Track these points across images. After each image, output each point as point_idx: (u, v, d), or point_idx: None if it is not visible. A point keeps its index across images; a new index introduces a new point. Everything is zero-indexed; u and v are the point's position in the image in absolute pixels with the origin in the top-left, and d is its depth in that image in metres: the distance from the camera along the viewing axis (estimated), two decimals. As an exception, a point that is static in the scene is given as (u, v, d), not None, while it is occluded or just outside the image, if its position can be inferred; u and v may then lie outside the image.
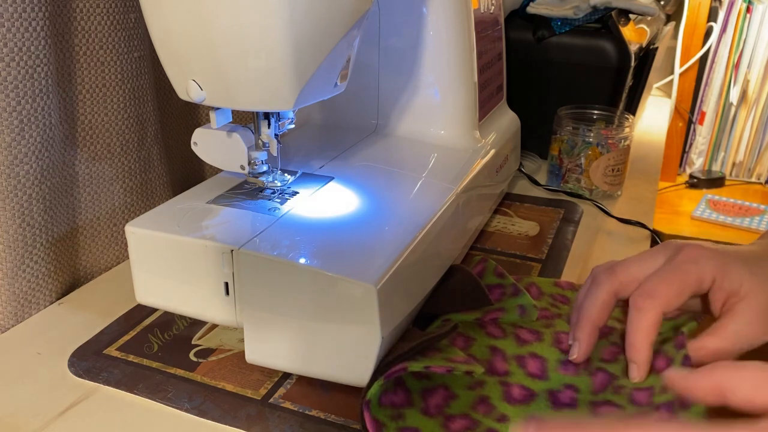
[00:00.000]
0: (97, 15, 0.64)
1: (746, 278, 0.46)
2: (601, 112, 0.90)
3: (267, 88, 0.49)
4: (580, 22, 0.95)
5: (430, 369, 0.46)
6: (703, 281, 0.46)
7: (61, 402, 0.51)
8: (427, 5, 0.69)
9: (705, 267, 0.46)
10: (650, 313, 0.45)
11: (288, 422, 0.49)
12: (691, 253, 0.47)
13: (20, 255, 0.60)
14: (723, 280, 0.46)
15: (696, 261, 0.46)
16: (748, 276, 0.46)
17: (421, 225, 0.55)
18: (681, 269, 0.46)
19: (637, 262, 0.49)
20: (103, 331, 0.59)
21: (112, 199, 0.71)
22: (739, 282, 0.45)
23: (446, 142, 0.72)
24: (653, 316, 0.45)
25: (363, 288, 0.46)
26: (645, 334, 0.46)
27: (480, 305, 0.56)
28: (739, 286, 0.45)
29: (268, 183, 0.59)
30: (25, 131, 0.58)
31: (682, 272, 0.46)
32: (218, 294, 0.52)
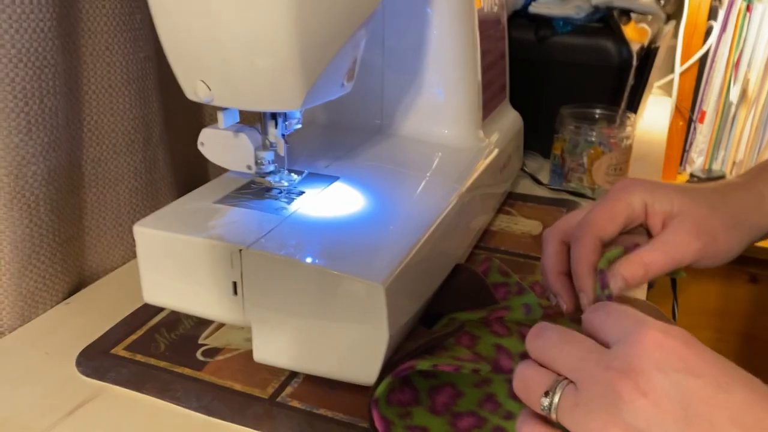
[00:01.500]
0: (104, 16, 0.64)
1: (676, 198, 0.48)
2: (603, 111, 0.91)
3: (275, 89, 0.49)
4: (582, 21, 0.95)
5: (437, 367, 0.46)
6: (634, 205, 0.48)
7: (69, 402, 0.52)
8: (431, 5, 0.69)
9: (633, 193, 0.48)
10: (585, 240, 0.48)
11: (295, 421, 0.49)
12: (621, 183, 0.50)
13: (27, 255, 0.60)
14: (654, 203, 0.48)
15: (624, 189, 0.49)
16: (679, 196, 0.48)
17: (427, 224, 0.55)
18: (610, 198, 0.49)
19: (577, 211, 0.52)
20: (110, 330, 0.60)
21: (118, 200, 0.71)
22: (670, 202, 0.48)
23: (450, 141, 0.72)
24: (588, 242, 0.48)
25: (370, 287, 0.46)
26: (585, 262, 0.48)
27: (485, 304, 0.57)
28: (670, 206, 0.48)
29: (274, 183, 0.59)
30: (33, 132, 0.58)
31: (611, 200, 0.49)
32: (226, 293, 0.52)
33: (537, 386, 0.34)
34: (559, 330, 0.35)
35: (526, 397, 0.34)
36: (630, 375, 0.30)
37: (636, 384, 0.30)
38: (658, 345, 0.31)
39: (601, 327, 0.34)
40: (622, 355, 0.31)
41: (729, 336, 1.64)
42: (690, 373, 0.30)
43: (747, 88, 1.63)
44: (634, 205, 0.48)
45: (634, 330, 0.32)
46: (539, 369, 0.34)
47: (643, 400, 0.30)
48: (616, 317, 0.34)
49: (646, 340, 0.31)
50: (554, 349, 0.34)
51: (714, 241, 0.47)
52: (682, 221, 0.47)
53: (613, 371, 0.31)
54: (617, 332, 0.33)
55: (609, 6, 0.95)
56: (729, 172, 1.76)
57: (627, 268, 0.47)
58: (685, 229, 0.47)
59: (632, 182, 0.49)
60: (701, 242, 0.47)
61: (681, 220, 0.47)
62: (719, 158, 1.75)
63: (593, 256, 0.48)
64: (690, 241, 0.47)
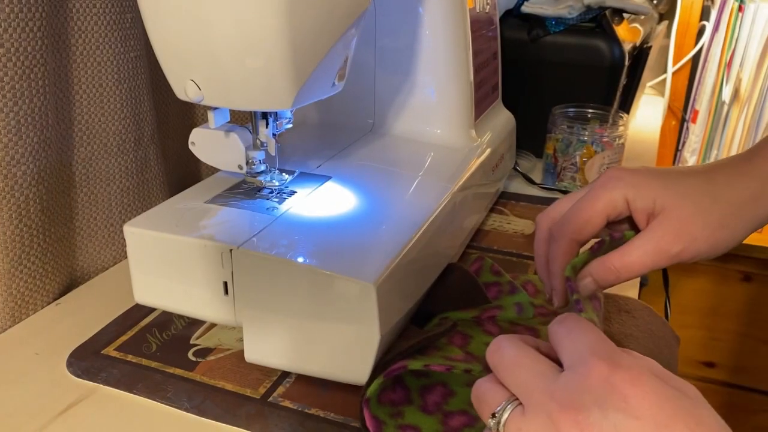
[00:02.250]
0: (94, 15, 0.64)
1: (659, 194, 0.45)
2: (595, 110, 0.91)
3: (265, 88, 0.49)
4: (574, 21, 0.95)
5: (429, 367, 0.46)
6: (615, 202, 0.46)
7: (60, 402, 0.51)
8: (423, 5, 0.69)
9: (614, 190, 0.46)
10: (561, 241, 0.47)
11: (287, 421, 0.49)
12: (603, 178, 0.47)
13: (17, 255, 0.60)
14: (635, 200, 0.46)
15: (605, 185, 0.47)
16: (662, 191, 0.45)
17: (419, 224, 0.55)
18: (591, 196, 0.47)
19: (568, 197, 0.50)
20: (101, 331, 0.59)
21: (109, 200, 0.71)
22: (652, 199, 0.45)
23: (442, 141, 0.72)
24: (563, 244, 0.47)
25: (361, 286, 0.46)
26: (558, 263, 0.47)
27: (477, 303, 0.57)
28: (652, 204, 0.45)
29: (266, 182, 0.59)
30: (22, 132, 0.58)
31: (591, 198, 0.47)
32: (217, 293, 0.52)
33: (488, 404, 0.34)
34: (516, 347, 0.34)
35: (480, 413, 0.35)
36: (570, 410, 0.30)
37: (575, 420, 0.30)
38: (603, 380, 0.30)
39: (558, 345, 0.34)
40: (567, 386, 0.31)
41: (722, 334, 1.65)
42: (630, 414, 0.29)
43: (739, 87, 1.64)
44: (615, 202, 0.46)
45: (583, 360, 0.31)
46: (494, 386, 0.34)
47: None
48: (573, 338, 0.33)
49: (593, 373, 0.31)
50: (506, 369, 0.34)
51: (693, 243, 0.45)
52: (662, 223, 0.45)
53: (555, 402, 0.31)
54: (570, 356, 0.33)
55: (601, 6, 0.95)
56: (722, 172, 1.76)
57: (599, 272, 0.46)
58: (663, 231, 0.45)
59: (615, 177, 0.47)
60: (679, 246, 0.45)
61: (661, 221, 0.45)
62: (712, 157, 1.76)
63: (568, 257, 0.47)
64: (668, 247, 0.45)
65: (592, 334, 0.33)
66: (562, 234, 0.47)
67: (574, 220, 0.47)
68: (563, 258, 0.47)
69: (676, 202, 0.45)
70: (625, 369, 0.31)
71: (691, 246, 0.45)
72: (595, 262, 0.46)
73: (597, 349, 0.32)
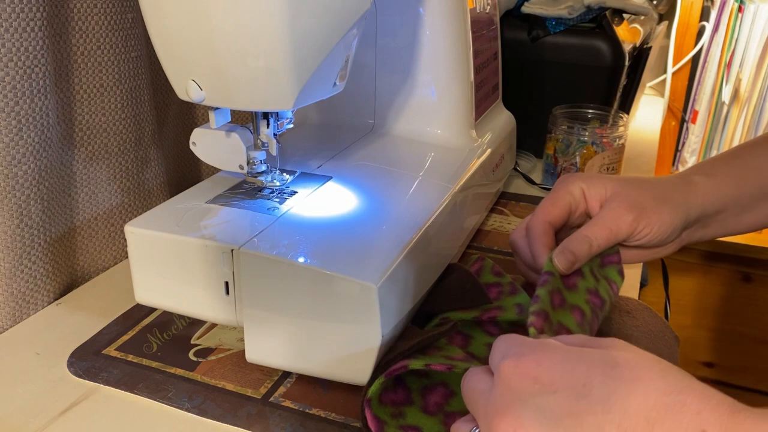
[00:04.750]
0: (95, 15, 0.64)
1: (609, 184, 0.55)
2: (595, 111, 0.91)
3: (266, 88, 0.49)
4: (575, 21, 0.95)
5: (430, 367, 0.46)
6: (573, 193, 0.55)
7: (60, 402, 0.51)
8: (424, 5, 0.69)
9: (571, 183, 0.56)
10: (537, 225, 0.55)
11: (288, 421, 0.49)
12: (561, 177, 0.58)
13: (18, 255, 0.60)
14: (589, 188, 0.55)
15: (563, 180, 0.57)
16: (612, 182, 0.55)
17: (420, 224, 0.55)
18: (553, 190, 0.57)
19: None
20: (102, 331, 0.59)
21: (110, 199, 0.71)
22: (603, 187, 0.55)
23: (443, 141, 0.72)
24: (540, 226, 0.55)
25: (363, 287, 0.46)
26: (539, 243, 0.54)
27: (478, 304, 0.57)
28: (604, 190, 0.55)
29: (266, 182, 0.59)
30: (23, 131, 0.58)
31: (553, 190, 0.57)
32: (218, 293, 0.52)
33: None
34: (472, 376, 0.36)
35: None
36: (501, 416, 0.31)
37: (506, 423, 0.30)
38: (514, 374, 0.31)
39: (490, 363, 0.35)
40: (493, 395, 0.32)
41: (722, 334, 1.65)
42: (546, 391, 0.30)
43: (739, 87, 1.64)
44: (573, 192, 0.55)
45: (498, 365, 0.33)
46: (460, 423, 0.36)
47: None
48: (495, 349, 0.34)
49: (504, 373, 0.32)
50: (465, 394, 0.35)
51: (645, 212, 0.53)
52: (615, 198, 0.54)
53: (490, 416, 0.32)
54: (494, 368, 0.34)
55: (601, 6, 0.95)
56: (721, 172, 1.76)
57: (573, 243, 0.51)
58: (618, 204, 0.53)
59: (571, 175, 0.58)
60: (633, 214, 0.53)
61: (612, 198, 0.54)
62: (711, 158, 1.76)
63: (545, 237, 0.54)
64: (623, 214, 0.53)
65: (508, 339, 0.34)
66: (535, 220, 0.55)
67: (543, 207, 0.56)
68: (542, 238, 0.54)
69: (624, 186, 0.55)
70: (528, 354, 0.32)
71: (642, 216, 0.53)
72: (568, 238, 0.52)
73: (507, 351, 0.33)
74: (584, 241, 0.52)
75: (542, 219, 0.55)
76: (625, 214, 0.53)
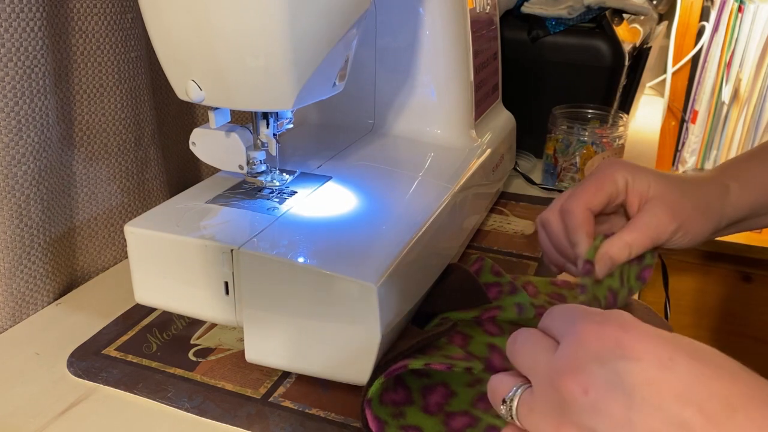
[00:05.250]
0: (95, 15, 0.64)
1: (653, 181, 0.52)
2: (595, 111, 0.91)
3: (266, 88, 0.49)
4: (574, 21, 0.95)
5: (430, 366, 0.46)
6: (618, 182, 0.52)
7: (60, 402, 0.51)
8: (423, 5, 0.69)
9: (616, 171, 0.53)
10: (578, 210, 0.52)
11: (288, 421, 0.49)
12: (606, 162, 0.55)
13: (18, 255, 0.60)
14: (634, 182, 0.52)
15: (610, 166, 0.54)
16: (655, 179, 0.52)
17: (419, 224, 0.55)
18: (597, 174, 0.54)
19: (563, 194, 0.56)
20: (102, 331, 0.59)
21: (110, 199, 0.71)
22: (647, 184, 0.52)
23: (443, 141, 0.72)
24: (581, 212, 0.52)
25: (362, 286, 0.46)
26: (581, 230, 0.52)
27: (478, 303, 0.57)
28: (647, 188, 0.52)
29: (266, 183, 0.59)
30: (23, 132, 0.58)
31: (598, 175, 0.53)
32: (218, 293, 0.52)
33: (498, 393, 0.34)
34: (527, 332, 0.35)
35: (494, 406, 0.35)
36: (571, 374, 0.30)
37: (577, 382, 0.30)
38: (595, 336, 0.30)
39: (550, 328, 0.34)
40: (562, 353, 0.31)
41: (722, 335, 1.65)
42: (629, 357, 0.29)
43: (739, 87, 1.64)
44: (617, 181, 0.52)
45: (571, 327, 0.32)
46: (503, 376, 0.35)
47: (585, 398, 0.29)
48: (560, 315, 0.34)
49: (582, 333, 0.31)
50: (516, 352, 0.35)
51: (687, 223, 0.51)
52: (658, 203, 0.51)
53: (556, 372, 0.31)
54: (560, 331, 0.33)
55: (601, 6, 0.95)
56: (721, 172, 1.77)
57: (612, 248, 0.50)
58: (662, 211, 0.51)
59: (617, 161, 0.54)
60: (676, 223, 0.51)
61: (656, 202, 0.51)
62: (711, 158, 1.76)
63: (587, 225, 0.52)
64: (667, 223, 0.51)
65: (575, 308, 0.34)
66: (576, 205, 0.52)
67: (586, 190, 0.52)
68: (585, 223, 0.52)
69: (667, 188, 0.52)
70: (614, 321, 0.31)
71: (683, 227, 0.51)
72: (608, 241, 0.51)
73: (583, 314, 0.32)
74: (625, 248, 0.51)
75: (584, 206, 0.52)
76: (668, 224, 0.51)
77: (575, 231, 0.52)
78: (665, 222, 0.51)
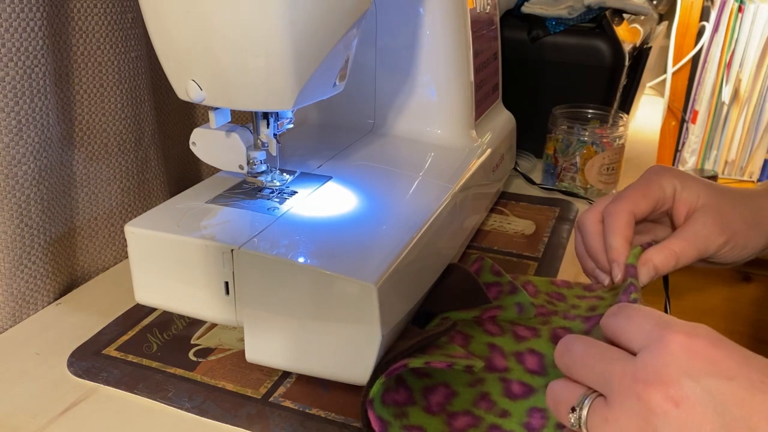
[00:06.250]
0: (95, 15, 0.64)
1: (703, 191, 0.50)
2: (595, 111, 0.91)
3: (266, 88, 0.49)
4: (575, 21, 0.95)
5: (430, 365, 0.46)
6: (665, 189, 0.50)
7: (60, 402, 0.51)
8: (424, 5, 0.69)
9: (665, 177, 0.51)
10: (621, 214, 0.49)
11: (288, 421, 0.49)
12: (654, 167, 0.53)
13: (18, 255, 0.60)
14: (682, 191, 0.50)
15: (658, 173, 0.51)
16: (705, 189, 0.50)
17: (419, 224, 0.55)
18: (644, 179, 0.51)
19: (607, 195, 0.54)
20: (102, 331, 0.59)
21: (110, 199, 0.71)
22: (697, 194, 0.50)
23: (443, 141, 0.72)
24: (624, 216, 0.49)
25: (363, 286, 0.46)
26: (620, 235, 0.49)
27: (478, 303, 0.57)
28: (696, 197, 0.50)
29: (266, 183, 0.59)
30: (23, 131, 0.58)
31: (645, 180, 0.51)
32: (218, 293, 0.52)
33: (564, 402, 0.33)
34: (584, 342, 0.34)
35: (557, 414, 0.34)
36: (659, 385, 0.29)
37: (666, 394, 0.29)
38: (685, 349, 0.30)
39: (622, 332, 0.33)
40: (649, 363, 0.30)
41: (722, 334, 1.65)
42: (722, 376, 0.29)
43: (739, 88, 1.64)
44: (665, 188, 0.50)
45: (658, 335, 0.31)
46: (567, 383, 0.34)
47: (676, 411, 0.28)
48: (638, 321, 0.32)
49: (672, 345, 0.30)
50: (579, 364, 0.33)
51: (735, 237, 0.49)
52: (707, 214, 0.49)
53: (641, 382, 0.30)
54: (640, 338, 0.32)
55: (601, 6, 0.95)
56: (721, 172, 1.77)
57: (658, 257, 0.48)
58: (711, 222, 0.49)
59: (665, 168, 0.52)
60: (725, 236, 0.49)
61: (705, 212, 0.49)
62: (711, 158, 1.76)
63: (627, 229, 0.49)
64: (716, 235, 0.48)
65: (654, 313, 0.33)
66: (620, 208, 0.50)
67: (631, 195, 0.50)
68: (624, 230, 0.49)
69: (717, 198, 0.50)
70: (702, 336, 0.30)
71: (732, 240, 0.49)
72: (654, 248, 0.49)
73: (666, 322, 0.31)
74: (672, 257, 0.48)
75: (628, 209, 0.49)
76: (717, 236, 0.49)
77: (613, 233, 0.49)
78: (715, 233, 0.49)
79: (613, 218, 0.50)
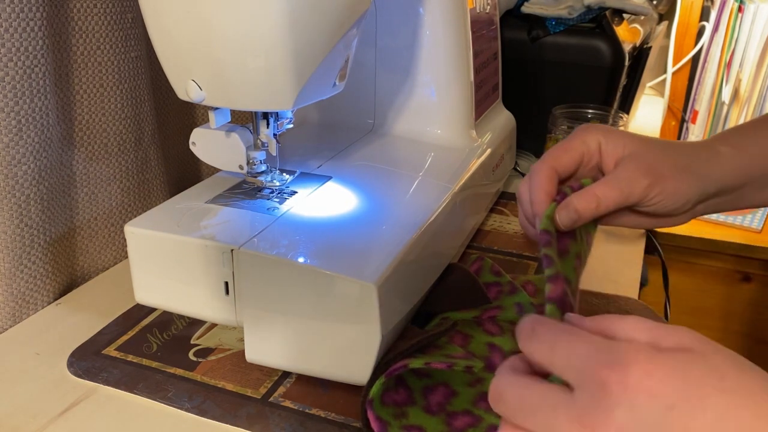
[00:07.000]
0: (95, 15, 0.64)
1: (629, 140, 0.50)
2: (595, 111, 0.91)
3: (266, 88, 0.49)
4: (574, 21, 0.95)
5: (430, 365, 0.46)
6: (589, 144, 0.50)
7: (60, 402, 0.51)
8: (424, 5, 0.69)
9: (589, 133, 0.51)
10: (542, 170, 0.49)
11: (288, 421, 0.49)
12: (582, 125, 0.53)
13: (18, 255, 0.60)
14: (607, 144, 0.50)
15: (583, 129, 0.52)
16: (631, 139, 0.50)
17: (419, 224, 0.55)
18: (569, 137, 0.52)
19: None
20: (102, 331, 0.59)
21: (110, 199, 0.71)
22: (623, 144, 0.50)
23: (443, 141, 0.72)
24: (545, 171, 0.49)
25: (363, 286, 0.46)
26: (541, 189, 0.49)
27: (478, 303, 0.57)
28: (622, 147, 0.50)
29: (266, 182, 0.59)
30: (23, 131, 0.58)
31: (569, 139, 0.51)
32: (218, 293, 0.52)
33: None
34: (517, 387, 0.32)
35: None
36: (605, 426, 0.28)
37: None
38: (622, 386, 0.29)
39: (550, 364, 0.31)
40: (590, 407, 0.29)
41: (722, 334, 1.65)
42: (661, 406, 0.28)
43: (739, 87, 1.64)
44: (589, 143, 0.50)
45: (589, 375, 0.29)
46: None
47: None
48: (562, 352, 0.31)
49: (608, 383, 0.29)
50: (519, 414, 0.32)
51: (662, 179, 0.49)
52: (631, 160, 0.49)
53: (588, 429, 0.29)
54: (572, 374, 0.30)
55: (601, 6, 0.95)
56: (721, 172, 1.77)
57: (580, 201, 0.47)
58: (634, 167, 0.49)
59: (592, 125, 0.52)
60: (649, 179, 0.48)
61: (630, 159, 0.49)
62: (711, 158, 1.76)
63: (549, 184, 0.49)
64: (638, 177, 0.48)
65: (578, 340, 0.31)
66: (541, 165, 0.49)
67: (552, 152, 0.50)
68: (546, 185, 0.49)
69: (643, 147, 0.50)
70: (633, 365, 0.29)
71: (658, 183, 0.48)
72: (576, 194, 0.48)
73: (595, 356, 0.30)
74: (592, 199, 0.47)
75: (548, 164, 0.49)
76: (640, 178, 0.48)
77: (534, 189, 0.49)
78: (637, 176, 0.48)
79: (535, 174, 0.50)
